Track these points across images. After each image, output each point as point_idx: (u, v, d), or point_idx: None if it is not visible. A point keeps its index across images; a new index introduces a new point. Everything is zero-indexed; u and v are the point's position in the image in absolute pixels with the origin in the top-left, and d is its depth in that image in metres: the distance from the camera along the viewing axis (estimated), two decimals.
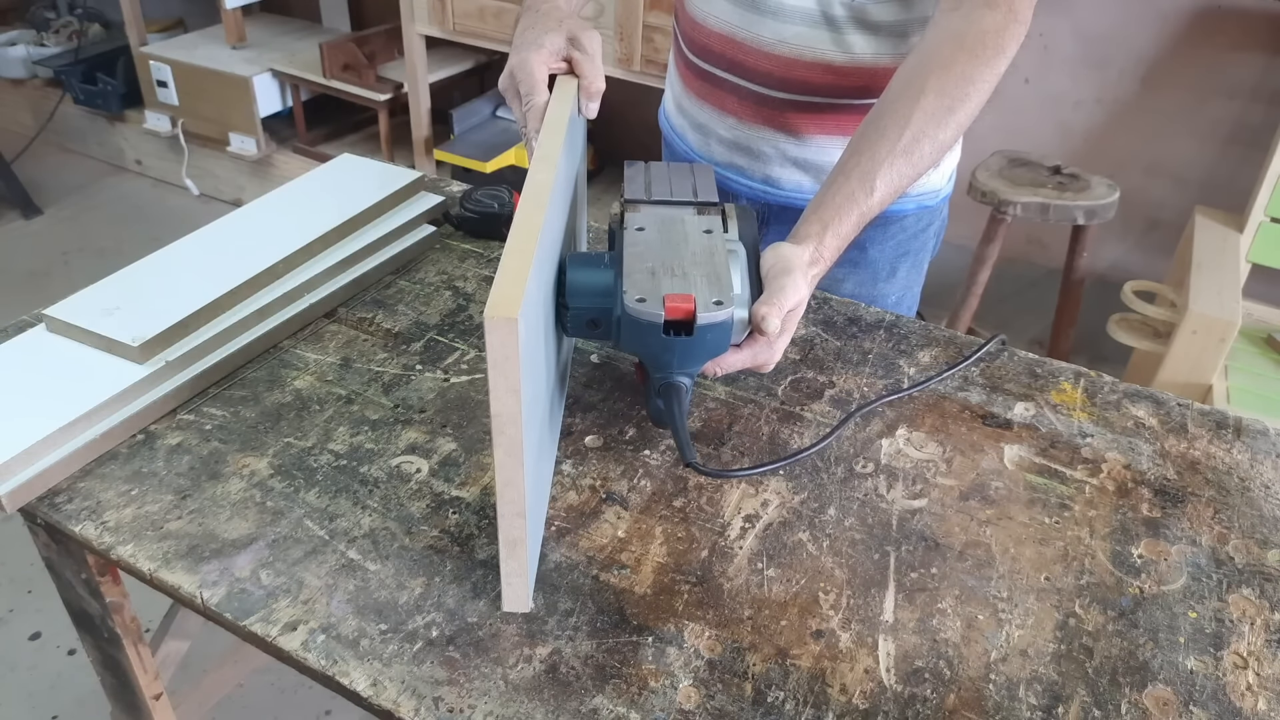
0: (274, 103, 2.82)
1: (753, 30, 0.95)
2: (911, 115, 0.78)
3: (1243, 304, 1.73)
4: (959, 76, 0.79)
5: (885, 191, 0.79)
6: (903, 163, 0.79)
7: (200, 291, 0.89)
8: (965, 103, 0.79)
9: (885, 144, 0.79)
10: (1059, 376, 0.93)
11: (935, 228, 1.12)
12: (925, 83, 0.79)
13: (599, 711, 0.61)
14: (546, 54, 0.85)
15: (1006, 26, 0.80)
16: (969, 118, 0.81)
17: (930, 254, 1.15)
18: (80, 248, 2.79)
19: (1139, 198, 2.28)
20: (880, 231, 1.05)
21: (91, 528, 0.73)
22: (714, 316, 0.68)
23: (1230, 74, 2.10)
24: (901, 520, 0.76)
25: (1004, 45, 0.80)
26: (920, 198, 1.05)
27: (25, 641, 1.65)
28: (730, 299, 0.69)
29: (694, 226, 0.77)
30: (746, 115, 1.01)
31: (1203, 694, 0.64)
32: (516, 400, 0.57)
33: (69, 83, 3.05)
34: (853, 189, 0.78)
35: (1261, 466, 0.84)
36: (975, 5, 0.81)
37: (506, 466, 0.59)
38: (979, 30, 0.80)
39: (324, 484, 0.77)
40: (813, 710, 0.62)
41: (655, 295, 0.69)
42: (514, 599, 0.67)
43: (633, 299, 0.69)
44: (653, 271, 0.71)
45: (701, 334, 0.69)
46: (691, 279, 0.71)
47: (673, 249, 0.74)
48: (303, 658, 0.64)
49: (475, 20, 2.38)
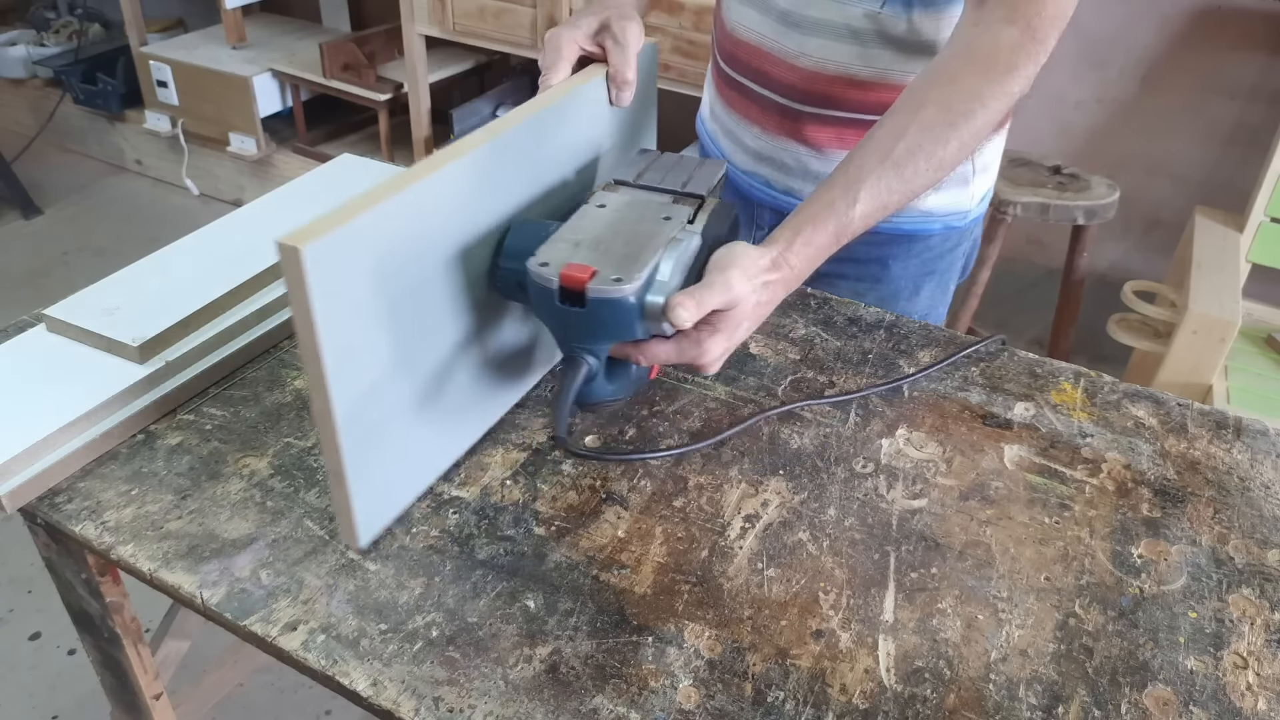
0: (274, 103, 2.82)
1: (779, 41, 0.94)
2: (908, 127, 0.75)
3: (1242, 304, 1.73)
4: (965, 91, 0.75)
5: (871, 205, 0.74)
6: (893, 176, 0.74)
7: (200, 291, 0.89)
8: (969, 120, 0.75)
9: (876, 154, 0.75)
10: (1059, 376, 0.93)
11: (964, 249, 1.08)
12: (928, 95, 0.76)
13: (599, 711, 0.61)
14: (580, 35, 0.85)
15: (1022, 45, 0.76)
16: (974, 137, 0.76)
17: (959, 276, 1.11)
18: (80, 248, 2.79)
19: (1139, 198, 2.28)
20: (903, 248, 1.03)
21: (91, 528, 0.73)
22: (607, 291, 0.67)
23: (1230, 74, 2.11)
24: (901, 520, 0.76)
25: (1016, 64, 0.76)
26: (946, 218, 1.02)
27: (25, 641, 1.65)
28: (636, 279, 0.67)
29: (655, 212, 0.75)
30: (770, 126, 1.00)
31: (1203, 694, 0.64)
32: (312, 332, 0.59)
33: (69, 83, 3.05)
34: (834, 198, 0.74)
35: (1261, 466, 0.84)
36: (994, 21, 0.77)
37: (315, 399, 0.62)
38: (992, 46, 0.76)
39: (324, 484, 0.77)
40: (813, 710, 0.62)
41: (560, 263, 0.68)
42: (345, 531, 0.70)
43: (536, 263, 0.69)
44: (577, 244, 0.71)
45: (595, 308, 0.67)
46: (610, 256, 0.69)
47: (616, 228, 0.73)
48: (303, 658, 0.64)
49: (475, 20, 2.38)
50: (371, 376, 0.66)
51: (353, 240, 0.60)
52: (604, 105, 0.86)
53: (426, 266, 0.68)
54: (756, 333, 0.96)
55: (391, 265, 0.64)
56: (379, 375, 0.66)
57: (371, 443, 0.67)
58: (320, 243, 0.57)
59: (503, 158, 0.73)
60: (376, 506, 0.71)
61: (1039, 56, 0.76)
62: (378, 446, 0.68)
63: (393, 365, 0.67)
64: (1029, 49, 0.76)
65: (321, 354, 0.59)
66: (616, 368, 0.74)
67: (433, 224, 0.67)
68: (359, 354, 0.64)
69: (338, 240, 0.58)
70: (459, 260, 0.71)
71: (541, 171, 0.79)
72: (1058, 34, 0.76)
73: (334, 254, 0.58)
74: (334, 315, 0.60)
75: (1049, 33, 0.76)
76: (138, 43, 2.89)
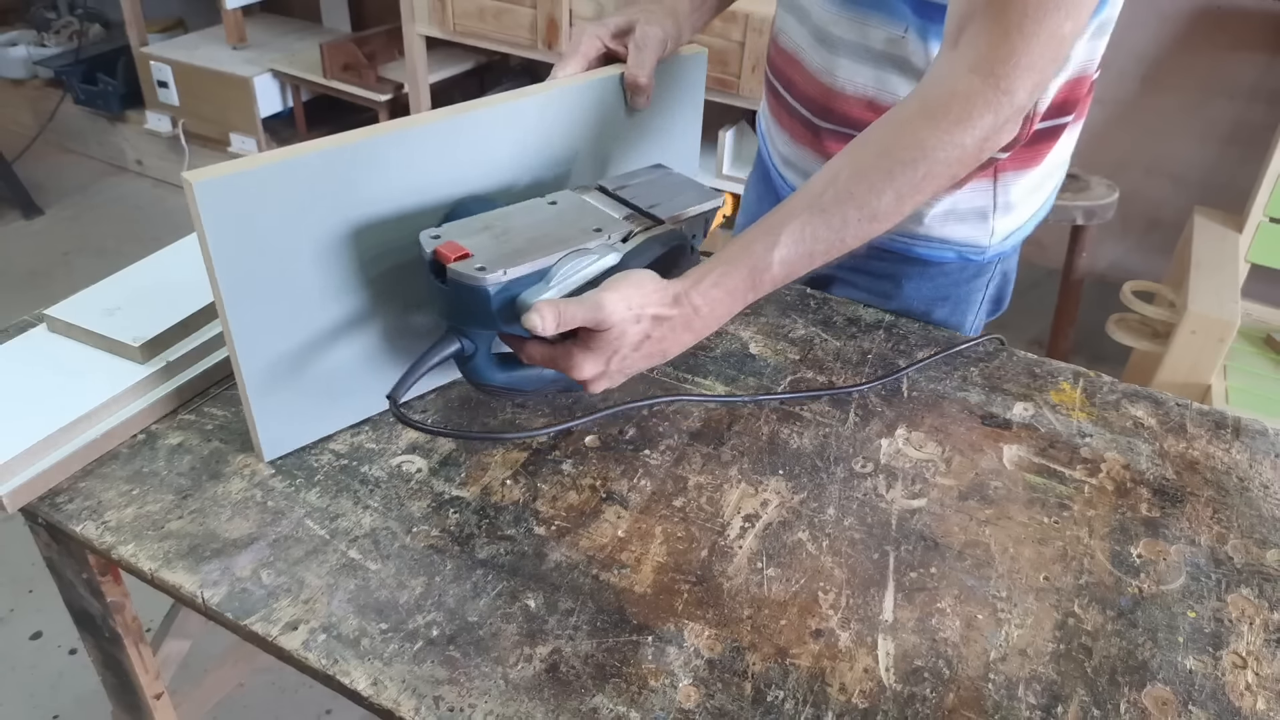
0: (274, 103, 2.82)
1: (810, 54, 0.92)
2: (841, 171, 0.69)
3: (1242, 304, 1.73)
4: (908, 139, 0.68)
5: (794, 251, 0.68)
6: (820, 223, 0.68)
7: (201, 291, 0.89)
8: (909, 169, 0.68)
9: (804, 199, 0.69)
10: (1058, 376, 0.93)
11: (987, 281, 1.02)
12: (870, 138, 0.70)
13: (599, 711, 0.61)
14: (604, 31, 0.85)
15: (981, 94, 0.67)
16: (915, 189, 0.68)
17: (991, 309, 1.07)
18: (80, 248, 2.79)
19: (1138, 198, 2.28)
20: (916, 270, 1.00)
21: (92, 527, 0.73)
22: (464, 275, 0.68)
23: (1230, 74, 2.11)
24: (901, 520, 0.76)
25: (970, 114, 0.67)
26: (962, 249, 0.97)
27: (26, 641, 1.65)
28: (499, 272, 0.68)
29: (591, 222, 0.75)
30: (796, 134, 0.98)
31: (1202, 694, 0.64)
32: (209, 259, 0.67)
33: (69, 83, 3.05)
34: (753, 240, 0.69)
35: (1260, 466, 0.84)
36: (960, 65, 0.69)
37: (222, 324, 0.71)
38: (947, 93, 0.68)
39: (324, 483, 0.77)
40: (812, 709, 0.62)
41: (450, 239, 0.70)
42: (255, 446, 0.78)
43: (430, 233, 0.71)
44: (487, 228, 0.73)
45: (454, 288, 0.69)
46: (502, 247, 0.71)
47: (539, 225, 0.74)
48: (303, 657, 0.64)
49: (475, 20, 2.38)
50: (273, 314, 0.73)
51: (250, 183, 0.66)
52: (613, 107, 0.86)
53: (343, 222, 0.73)
54: (756, 332, 0.96)
55: (305, 214, 0.70)
56: (283, 315, 0.73)
57: (278, 375, 0.75)
58: (212, 181, 0.64)
59: (459, 138, 0.76)
60: (281, 429, 0.79)
61: (1001, 108, 0.68)
62: (284, 379, 0.76)
63: (297, 306, 0.74)
64: (990, 99, 0.67)
65: (217, 279, 0.68)
66: (513, 358, 0.75)
67: (360, 183, 0.72)
68: (258, 290, 0.71)
69: (231, 180, 0.65)
70: (393, 224, 0.75)
71: (510, 158, 0.81)
72: (1029, 87, 0.68)
73: (227, 192, 0.66)
74: (227, 248, 0.68)
75: (1016, 84, 0.67)
76: (138, 43, 2.89)
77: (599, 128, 0.86)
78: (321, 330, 0.76)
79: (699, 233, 0.80)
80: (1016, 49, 0.67)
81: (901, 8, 0.82)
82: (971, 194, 0.92)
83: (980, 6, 0.68)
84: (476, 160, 0.79)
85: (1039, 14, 0.66)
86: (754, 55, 2.04)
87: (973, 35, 0.69)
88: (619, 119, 0.87)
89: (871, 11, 0.84)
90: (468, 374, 0.76)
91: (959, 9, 0.70)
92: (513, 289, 0.69)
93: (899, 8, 0.82)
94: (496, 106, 0.77)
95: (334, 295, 0.76)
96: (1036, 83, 0.69)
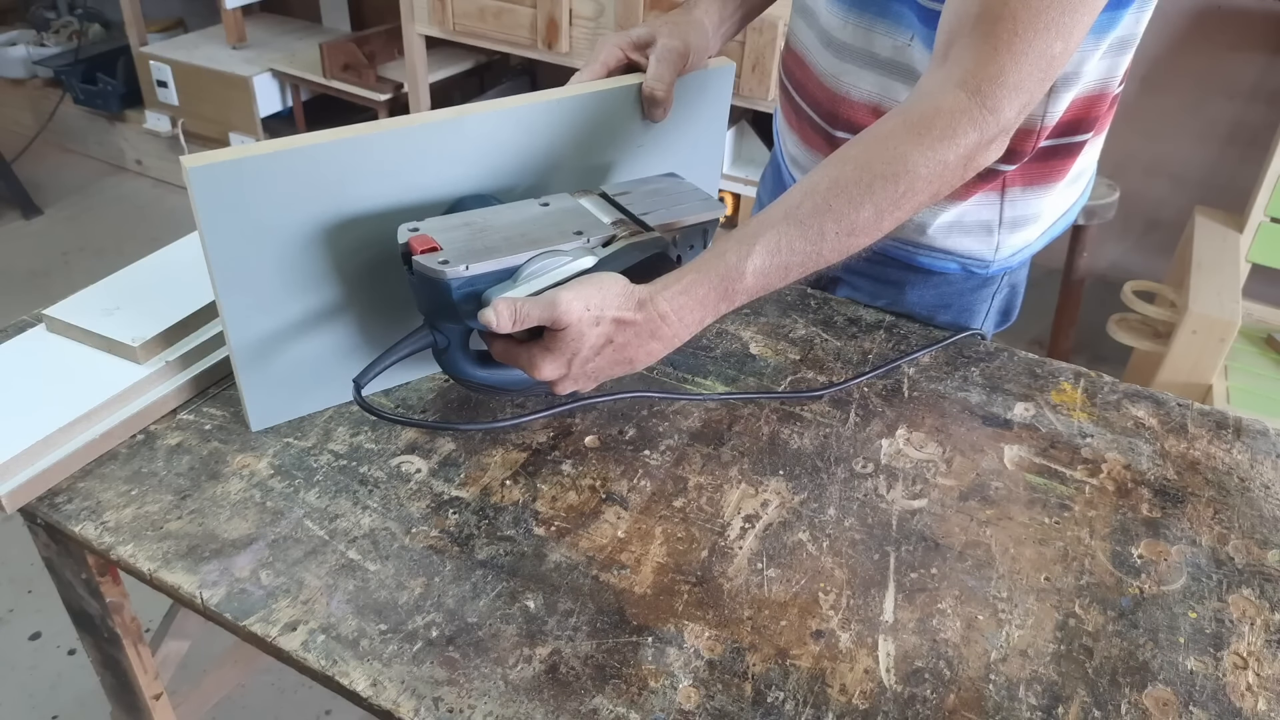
0: (274, 103, 2.82)
1: (818, 58, 0.91)
2: (820, 183, 0.68)
3: (1242, 304, 1.73)
4: (890, 153, 0.67)
5: (769, 262, 0.67)
6: (796, 235, 0.67)
7: (200, 291, 0.89)
8: (889, 184, 0.66)
9: (782, 209, 0.68)
10: (1059, 376, 0.93)
11: (993, 294, 1.01)
12: (851, 151, 0.69)
13: (599, 711, 0.61)
14: (625, 41, 0.85)
15: (966, 111, 0.66)
16: (894, 205, 0.67)
17: (998, 321, 1.05)
18: (80, 248, 2.79)
19: (1139, 198, 2.28)
20: (920, 278, 0.99)
21: (91, 528, 0.73)
22: (426, 267, 0.70)
23: (1230, 74, 2.11)
24: (901, 520, 0.76)
25: (955, 131, 0.66)
26: (966, 261, 0.96)
27: (25, 641, 1.65)
28: (460, 267, 0.69)
29: (573, 225, 0.75)
30: (805, 137, 0.98)
31: (1203, 694, 0.64)
32: (203, 240, 0.70)
33: (69, 83, 3.05)
34: (727, 249, 0.68)
35: (1261, 467, 0.84)
36: (947, 80, 0.68)
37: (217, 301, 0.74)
38: (932, 109, 0.67)
39: (324, 484, 0.77)
40: (812, 710, 0.62)
41: (427, 232, 0.72)
42: (246, 414, 0.81)
43: (409, 225, 0.73)
44: (468, 224, 0.74)
45: (419, 279, 0.71)
46: (474, 243, 0.72)
47: (519, 225, 0.75)
48: (302, 658, 0.64)
49: (475, 20, 2.37)
50: (262, 294, 0.75)
51: (244, 170, 0.69)
52: (630, 116, 0.86)
53: (333, 213, 0.75)
54: (757, 332, 0.96)
55: (296, 202, 0.73)
56: (272, 295, 0.76)
57: (266, 350, 0.78)
58: (207, 166, 0.67)
59: (457, 138, 0.77)
60: (268, 401, 0.81)
61: (986, 126, 0.67)
62: (271, 355, 0.79)
63: (286, 289, 0.77)
64: (975, 116, 0.66)
65: (210, 260, 0.72)
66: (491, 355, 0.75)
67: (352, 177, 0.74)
68: (248, 270, 0.74)
69: (226, 167, 0.68)
70: (387, 218, 0.76)
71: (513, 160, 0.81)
72: (1016, 106, 0.67)
73: (221, 177, 0.68)
74: (220, 230, 0.71)
75: (1003, 102, 0.66)
76: (138, 43, 2.89)
77: (613, 135, 0.86)
78: (309, 312, 0.79)
79: (696, 243, 0.79)
80: (1005, 67, 0.66)
81: (907, 16, 0.81)
82: (977, 206, 0.91)
83: (970, 23, 0.67)
84: (476, 160, 0.79)
85: (1029, 33, 0.65)
86: (754, 55, 2.03)
87: (961, 51, 0.68)
88: (637, 128, 0.87)
89: (877, 19, 0.84)
90: (445, 367, 0.77)
91: (949, 24, 0.70)
92: (478, 284, 0.70)
93: (905, 16, 0.81)
94: (492, 111, 0.78)
95: (323, 281, 0.78)
96: (1024, 102, 0.68)
